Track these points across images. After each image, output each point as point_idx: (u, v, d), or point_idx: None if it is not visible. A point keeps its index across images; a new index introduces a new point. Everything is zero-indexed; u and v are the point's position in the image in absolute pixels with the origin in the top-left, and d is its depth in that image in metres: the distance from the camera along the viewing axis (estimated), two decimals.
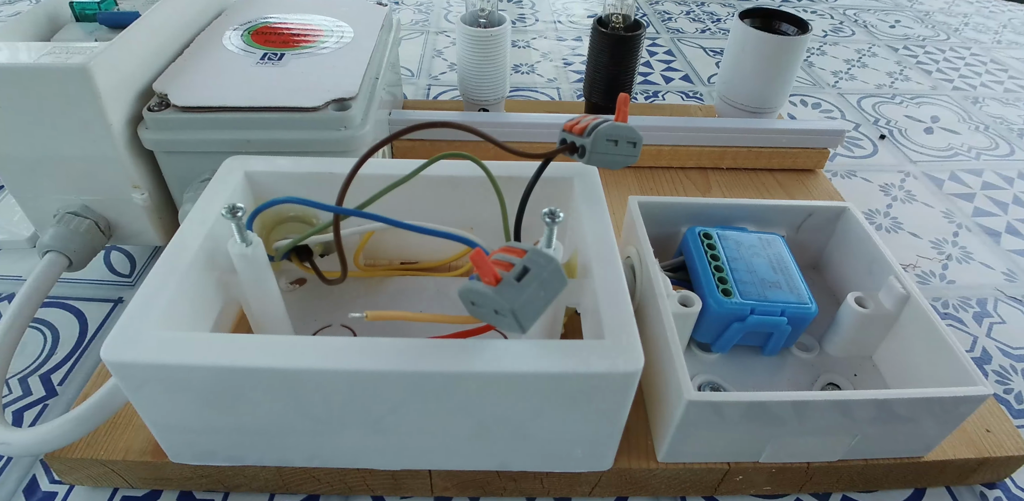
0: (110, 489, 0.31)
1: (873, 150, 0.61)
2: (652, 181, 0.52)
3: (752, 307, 0.32)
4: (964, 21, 0.91)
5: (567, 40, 0.80)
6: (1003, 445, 0.32)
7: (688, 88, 0.70)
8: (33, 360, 0.37)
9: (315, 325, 0.35)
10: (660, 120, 0.52)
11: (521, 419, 0.25)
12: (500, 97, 0.53)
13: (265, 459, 0.28)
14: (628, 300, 0.25)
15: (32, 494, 0.31)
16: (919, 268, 0.47)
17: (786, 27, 0.51)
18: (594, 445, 0.27)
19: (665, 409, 0.29)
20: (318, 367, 0.21)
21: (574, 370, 0.22)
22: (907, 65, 0.77)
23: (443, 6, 0.87)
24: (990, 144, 0.62)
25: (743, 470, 0.30)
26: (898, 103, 0.69)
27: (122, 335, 0.23)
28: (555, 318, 0.29)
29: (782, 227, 0.38)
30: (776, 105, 0.53)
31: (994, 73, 0.76)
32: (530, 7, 0.89)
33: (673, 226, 0.38)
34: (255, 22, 0.46)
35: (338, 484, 0.30)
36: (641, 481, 0.31)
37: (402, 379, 0.22)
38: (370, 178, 0.29)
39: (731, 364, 0.35)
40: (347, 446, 0.27)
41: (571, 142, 0.28)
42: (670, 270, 0.35)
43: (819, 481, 0.32)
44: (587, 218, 0.29)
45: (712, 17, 0.88)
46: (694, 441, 0.29)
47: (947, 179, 0.57)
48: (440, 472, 0.30)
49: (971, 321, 0.43)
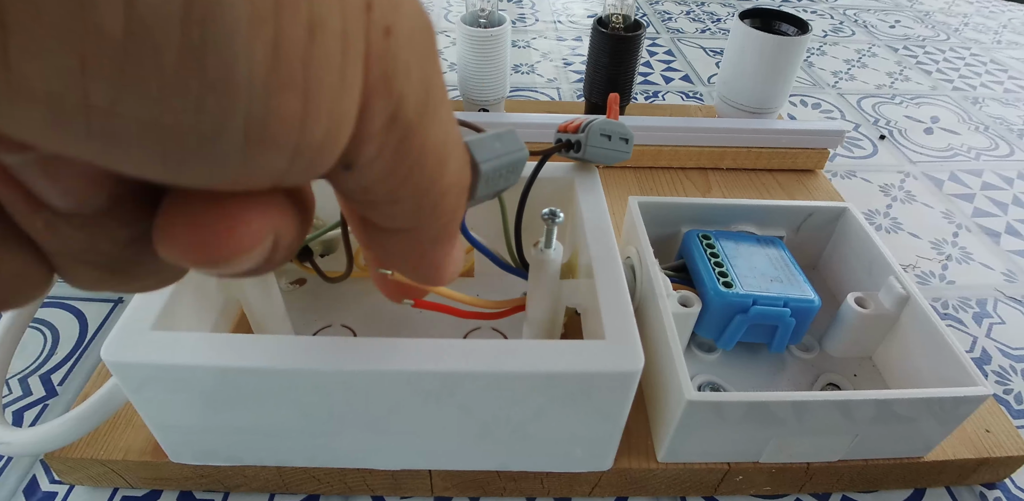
0: (110, 489, 0.31)
1: (873, 150, 0.61)
2: (652, 181, 0.52)
3: (754, 298, 0.32)
4: (964, 21, 0.91)
5: (567, 40, 0.80)
6: (1003, 445, 0.32)
7: (688, 88, 0.70)
8: (33, 360, 0.37)
9: (315, 325, 0.35)
10: (660, 120, 0.52)
11: (521, 419, 0.25)
12: (500, 97, 0.53)
13: (265, 459, 0.28)
14: (628, 300, 0.25)
15: (32, 494, 0.31)
16: (919, 268, 0.47)
17: (786, 27, 0.51)
18: (594, 445, 0.27)
19: (665, 409, 0.29)
20: (318, 367, 0.21)
21: (574, 370, 0.22)
22: (907, 65, 0.77)
23: (443, 6, 0.87)
24: (990, 144, 0.62)
25: (743, 470, 0.30)
26: (898, 103, 0.69)
27: (122, 335, 0.23)
28: (555, 319, 0.29)
29: (782, 227, 0.38)
30: (776, 105, 0.53)
31: (994, 73, 0.77)
32: (530, 7, 0.89)
33: (673, 226, 0.38)
34: None
35: (338, 484, 0.30)
36: (641, 481, 0.31)
37: (402, 379, 0.22)
38: None
39: (731, 364, 0.35)
40: (347, 446, 0.27)
41: (567, 139, 0.29)
42: (671, 271, 0.35)
43: (819, 481, 0.32)
44: (587, 218, 0.29)
45: (712, 17, 0.88)
46: (694, 441, 0.29)
47: (947, 179, 0.57)
48: (440, 472, 0.30)
49: (971, 321, 0.43)
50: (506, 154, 0.19)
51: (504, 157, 0.19)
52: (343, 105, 0.10)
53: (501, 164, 0.19)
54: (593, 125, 0.27)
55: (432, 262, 0.17)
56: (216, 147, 0.10)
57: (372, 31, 0.10)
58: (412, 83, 0.11)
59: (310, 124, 0.10)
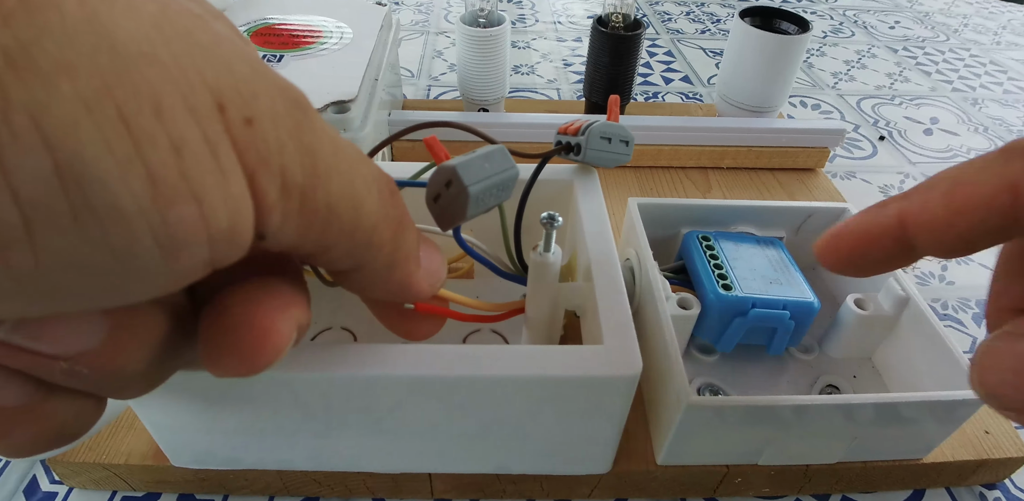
0: (110, 490, 0.31)
1: (872, 151, 0.61)
2: (652, 181, 0.52)
3: (753, 301, 0.32)
4: (963, 22, 0.91)
5: (567, 41, 0.80)
6: (1002, 446, 0.32)
7: (688, 89, 0.70)
8: None
9: (315, 328, 0.35)
10: (660, 120, 0.52)
11: (520, 423, 0.25)
12: (500, 97, 0.53)
13: (266, 463, 0.28)
14: (627, 304, 0.25)
15: (32, 494, 0.31)
16: (918, 269, 0.47)
17: (787, 26, 0.51)
18: (593, 448, 0.27)
19: (664, 412, 0.29)
20: (318, 372, 0.21)
21: (573, 375, 0.22)
22: (906, 66, 0.77)
23: (443, 6, 0.87)
24: (989, 145, 0.62)
25: (742, 472, 0.30)
26: (897, 104, 0.69)
27: None
28: (555, 321, 0.29)
29: (782, 228, 0.38)
30: (776, 104, 0.53)
31: (993, 74, 0.77)
32: (530, 7, 0.89)
33: (673, 228, 0.38)
34: (255, 23, 0.46)
35: (339, 487, 0.30)
36: (640, 483, 0.31)
37: (402, 384, 0.22)
38: None
39: (730, 366, 0.35)
40: (347, 450, 0.27)
41: (566, 142, 0.29)
42: (670, 272, 0.35)
43: (818, 483, 0.32)
44: (586, 221, 0.29)
45: (712, 18, 0.88)
46: (693, 444, 0.29)
47: None
48: (440, 475, 0.30)
49: (970, 322, 0.43)
50: (495, 174, 0.20)
51: (493, 177, 0.19)
52: (233, 191, 0.12)
53: (490, 184, 0.19)
54: (593, 128, 0.27)
55: (398, 285, 0.18)
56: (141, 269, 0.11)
57: (232, 127, 0.11)
58: (290, 154, 0.13)
59: (212, 218, 0.11)
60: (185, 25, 0.11)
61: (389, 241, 0.16)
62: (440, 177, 0.20)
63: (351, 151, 0.15)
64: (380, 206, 0.15)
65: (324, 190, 0.13)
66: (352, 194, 0.14)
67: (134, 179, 0.10)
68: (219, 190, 0.11)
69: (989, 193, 0.15)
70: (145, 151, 0.10)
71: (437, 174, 0.20)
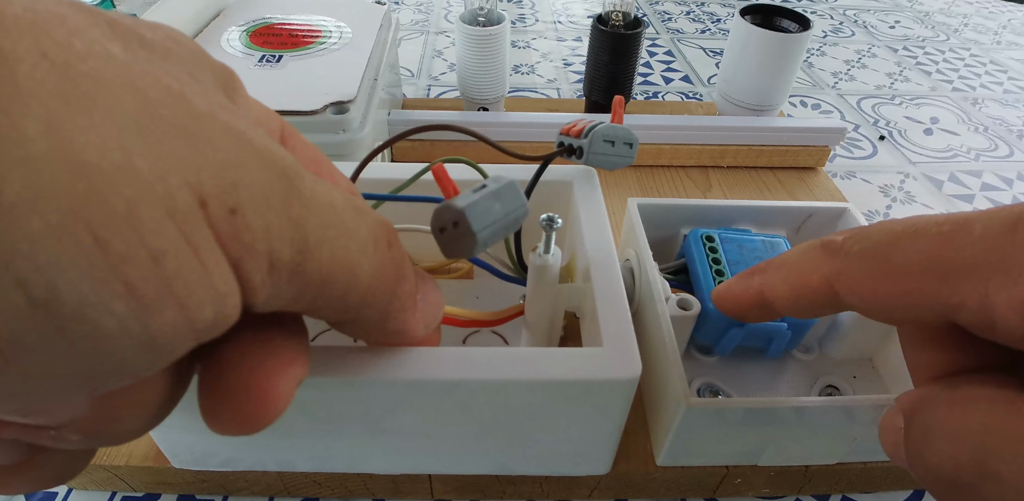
0: (110, 490, 0.31)
1: (873, 151, 0.61)
2: (652, 180, 0.52)
3: None
4: (964, 22, 0.91)
5: (567, 40, 0.80)
6: None
7: (688, 89, 0.70)
8: None
9: (315, 329, 0.35)
10: (660, 118, 0.52)
11: (520, 425, 0.25)
12: (500, 96, 0.53)
13: (266, 464, 0.28)
14: (626, 306, 0.25)
15: (32, 494, 0.31)
16: None
17: (787, 24, 0.51)
18: (592, 450, 0.27)
19: (664, 413, 0.29)
20: (318, 376, 0.21)
21: (572, 377, 0.22)
22: (907, 66, 0.77)
23: (443, 6, 0.87)
24: (989, 145, 0.62)
25: (742, 473, 0.30)
26: (897, 104, 0.69)
27: None
28: (554, 322, 0.29)
29: (782, 228, 0.38)
30: (777, 103, 0.53)
31: (993, 74, 0.76)
32: (530, 7, 0.89)
33: (673, 228, 0.38)
34: (254, 23, 0.46)
35: (339, 488, 0.30)
36: (640, 484, 0.31)
37: (401, 386, 0.22)
38: (369, 182, 0.29)
39: (730, 366, 0.35)
40: (347, 451, 0.27)
41: (568, 144, 0.29)
42: (671, 273, 0.35)
43: (818, 483, 0.32)
44: (586, 222, 0.29)
45: (712, 17, 0.88)
46: (693, 445, 0.29)
47: (946, 180, 0.57)
48: (440, 476, 0.30)
49: None
50: (504, 216, 0.19)
51: (502, 221, 0.19)
52: (218, 286, 0.11)
53: (499, 228, 0.19)
54: (596, 131, 0.27)
55: (392, 332, 0.18)
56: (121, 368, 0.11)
57: (215, 221, 0.11)
58: (277, 234, 0.12)
59: (197, 317, 0.11)
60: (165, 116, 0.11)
61: (384, 297, 0.16)
62: (447, 215, 0.19)
63: (345, 209, 0.14)
64: (377, 265, 0.15)
65: (315, 262, 0.13)
66: (346, 261, 0.14)
67: (113, 299, 0.10)
68: (203, 289, 0.11)
69: (815, 285, 0.18)
70: (123, 269, 0.10)
71: (444, 211, 0.19)
